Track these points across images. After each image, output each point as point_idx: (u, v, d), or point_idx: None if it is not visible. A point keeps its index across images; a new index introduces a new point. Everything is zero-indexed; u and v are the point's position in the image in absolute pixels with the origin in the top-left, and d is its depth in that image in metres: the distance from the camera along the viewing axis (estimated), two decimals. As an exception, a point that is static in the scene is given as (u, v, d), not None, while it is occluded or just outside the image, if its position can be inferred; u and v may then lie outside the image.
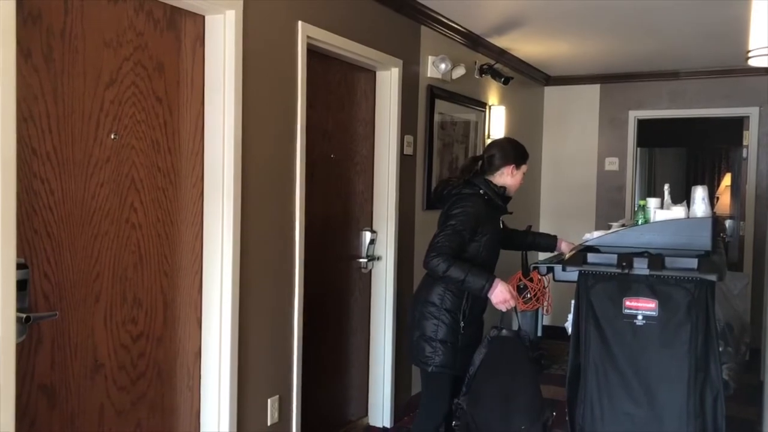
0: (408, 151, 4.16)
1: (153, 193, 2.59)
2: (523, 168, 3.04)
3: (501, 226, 3.05)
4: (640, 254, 2.84)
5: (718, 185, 7.70)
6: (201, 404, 2.82)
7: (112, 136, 2.39)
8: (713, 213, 3.17)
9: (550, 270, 3.06)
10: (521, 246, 3.25)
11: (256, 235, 2.92)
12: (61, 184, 2.20)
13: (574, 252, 3.11)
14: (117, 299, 2.45)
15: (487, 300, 2.89)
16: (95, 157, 2.33)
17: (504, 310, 2.86)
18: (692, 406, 2.65)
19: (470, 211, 2.83)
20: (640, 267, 2.77)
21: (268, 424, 3.07)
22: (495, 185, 2.95)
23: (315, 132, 3.41)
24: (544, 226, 6.57)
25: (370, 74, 3.97)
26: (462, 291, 2.82)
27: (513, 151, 3.04)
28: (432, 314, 2.84)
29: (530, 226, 3.61)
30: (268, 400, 3.07)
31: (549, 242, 3.37)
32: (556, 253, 3.34)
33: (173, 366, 2.72)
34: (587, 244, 3.11)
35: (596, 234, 3.23)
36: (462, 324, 2.84)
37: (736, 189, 6.45)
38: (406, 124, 4.12)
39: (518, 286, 2.93)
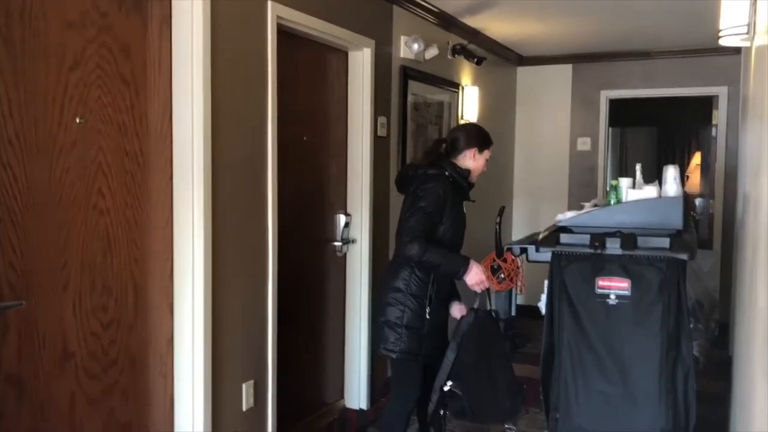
0: (382, 132, 4.13)
1: (121, 178, 2.54)
2: (486, 153, 3.03)
3: (464, 211, 3.03)
4: (612, 234, 2.85)
5: (688, 164, 7.79)
6: (174, 391, 2.79)
7: (78, 120, 2.33)
8: (684, 192, 3.19)
9: (524, 251, 3.07)
10: None
11: (227, 220, 2.88)
12: (24, 170, 2.14)
13: (547, 232, 3.13)
14: (86, 287, 2.40)
15: (451, 284, 2.89)
16: (60, 141, 2.27)
17: (479, 291, 2.88)
18: (664, 383, 2.69)
19: (437, 192, 2.82)
20: (613, 247, 2.79)
21: (244, 409, 3.05)
22: (460, 167, 2.94)
23: (287, 114, 3.36)
24: (518, 207, 6.60)
25: (342, 55, 3.92)
26: (428, 275, 2.80)
27: (477, 134, 3.04)
28: (398, 300, 2.83)
29: (503, 207, 3.61)
30: (243, 385, 3.05)
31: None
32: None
33: (145, 353, 2.69)
34: (560, 224, 3.12)
35: (569, 214, 3.24)
36: (428, 309, 2.82)
37: (706, 167, 6.53)
38: (380, 106, 4.09)
39: (492, 267, 2.93)
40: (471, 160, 2.98)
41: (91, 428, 2.45)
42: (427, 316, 2.83)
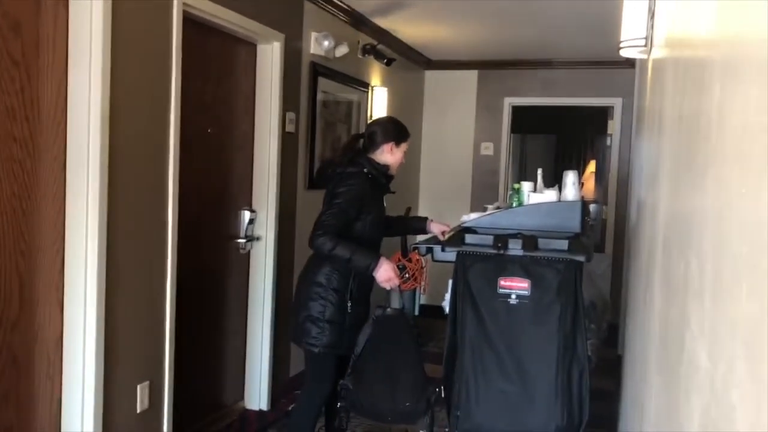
0: (290, 128, 4.06)
1: (8, 165, 2.36)
2: (403, 146, 3.05)
3: (384, 205, 3.05)
4: (514, 236, 2.93)
5: (584, 171, 8.15)
6: (63, 393, 2.63)
7: (-41, 101, 2.15)
8: (582, 197, 3.32)
9: (429, 250, 3.10)
10: (396, 232, 3.27)
11: (125, 212, 2.74)
12: None
13: (452, 233, 3.18)
14: (-36, 281, 2.22)
15: (373, 279, 2.89)
16: (-62, 122, 2.08)
17: (388, 288, 2.88)
18: (560, 382, 2.78)
19: (355, 190, 2.82)
20: (515, 248, 2.86)
21: (138, 411, 2.92)
22: (378, 163, 2.95)
23: (191, 105, 3.24)
24: (423, 208, 6.69)
25: (251, 47, 3.83)
26: (349, 270, 2.80)
27: (393, 128, 3.05)
28: (319, 294, 2.81)
29: (409, 208, 3.64)
30: (138, 387, 2.91)
31: (420, 224, 3.41)
32: (429, 234, 3.38)
33: (31, 353, 2.51)
34: (465, 225, 3.18)
35: (473, 216, 3.31)
36: (349, 303, 2.82)
37: (600, 175, 6.85)
38: (288, 101, 4.03)
39: (398, 266, 2.95)
40: (389, 155, 2.99)
41: (-33, 434, 2.27)
42: (349, 311, 2.83)
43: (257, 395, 3.97)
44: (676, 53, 1.44)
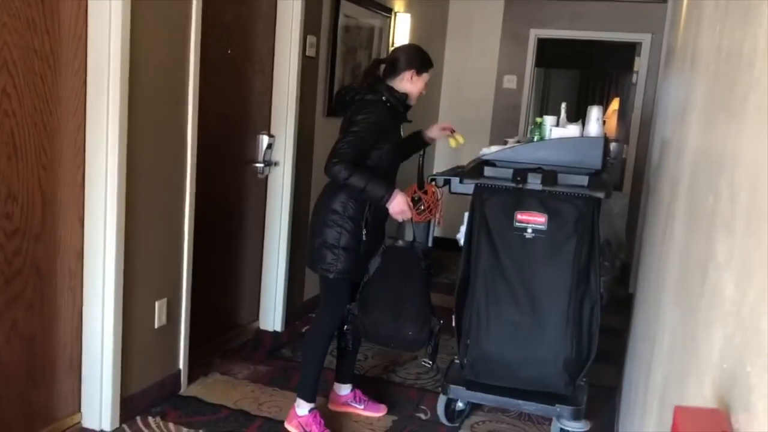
0: (310, 52, 4.00)
1: (29, 78, 2.35)
2: (425, 76, 2.97)
3: (401, 134, 3.01)
4: (534, 170, 2.91)
5: (607, 108, 8.01)
6: (84, 305, 2.70)
7: (-20, 9, 2.13)
8: (604, 133, 3.28)
9: (447, 182, 3.10)
10: (405, 155, 3.16)
11: (144, 130, 2.74)
12: None
13: (471, 165, 3.16)
14: (-12, 192, 2.25)
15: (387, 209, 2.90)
16: (-41, 31, 2.07)
17: (401, 220, 2.88)
18: (571, 314, 2.82)
19: (373, 118, 2.78)
20: (534, 182, 2.85)
21: (156, 326, 2.99)
22: (397, 92, 2.89)
23: (212, 24, 3.19)
24: (441, 142, 6.63)
25: (273, -33, 3.73)
26: (364, 199, 2.80)
27: (417, 56, 2.97)
28: (335, 222, 2.81)
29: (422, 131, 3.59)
30: (156, 303, 2.98)
31: (417, 140, 3.22)
32: (430, 141, 3.25)
33: (53, 265, 2.57)
34: (484, 158, 3.16)
35: (493, 149, 3.28)
36: (365, 231, 2.83)
37: (623, 114, 6.73)
38: (310, 24, 3.95)
39: (413, 198, 2.95)
40: (409, 83, 2.91)
41: (-8, 340, 2.34)
42: (364, 239, 2.83)
43: (272, 316, 4.06)
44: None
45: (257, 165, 3.80)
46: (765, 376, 0.50)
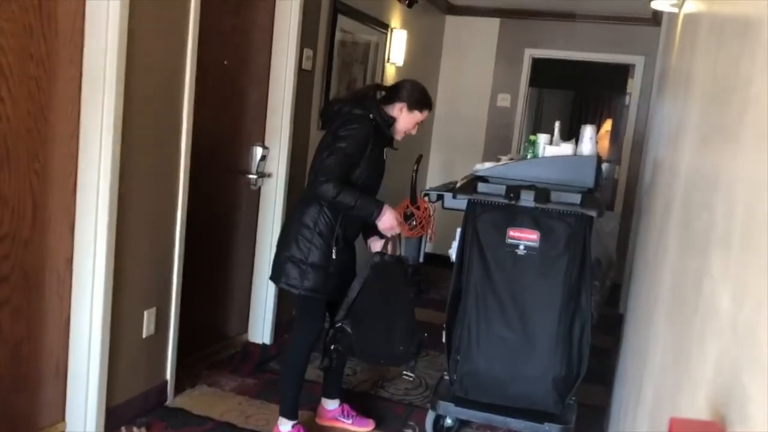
0: (307, 65, 4.01)
1: (24, 83, 2.35)
2: (417, 115, 2.90)
3: (384, 159, 2.96)
4: (527, 187, 2.92)
5: (599, 130, 8.07)
6: (72, 312, 2.67)
7: (-23, 13, 2.12)
8: (597, 153, 3.29)
9: (440, 197, 3.10)
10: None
11: (139, 139, 2.74)
12: None
13: (464, 181, 3.16)
14: (-22, 196, 2.23)
15: (360, 227, 2.88)
16: (-45, 33, 2.06)
17: (389, 236, 2.87)
18: (561, 333, 2.82)
19: (360, 134, 2.73)
20: (527, 199, 2.86)
21: (144, 336, 2.97)
22: (386, 113, 2.86)
23: (209, 33, 3.19)
24: (434, 158, 6.66)
25: (272, -21, 3.75)
26: (337, 216, 2.76)
27: (417, 93, 2.90)
28: (304, 236, 2.76)
29: (421, 156, 3.60)
30: (145, 312, 2.96)
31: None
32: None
33: (41, 271, 2.55)
34: (478, 174, 3.17)
35: (487, 165, 3.30)
36: (334, 249, 2.78)
37: (616, 134, 6.78)
38: (307, 37, 3.96)
39: (405, 214, 2.93)
40: (398, 113, 2.86)
41: (-22, 345, 2.31)
42: (333, 256, 2.78)
43: (261, 329, 4.03)
44: (713, 8, 1.41)
45: (250, 176, 3.79)
46: (763, 387, 0.50)
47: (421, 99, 2.91)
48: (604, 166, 5.95)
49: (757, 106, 0.71)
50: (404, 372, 3.42)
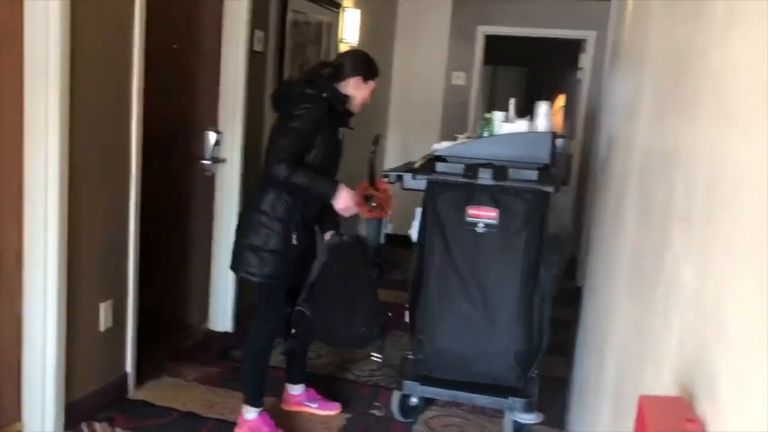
0: (258, 47, 3.94)
1: (-39, 72, 2.24)
2: (371, 84, 2.90)
3: (341, 138, 2.92)
4: (485, 165, 2.93)
5: (553, 105, 8.15)
6: (24, 309, 2.59)
7: None
8: (552, 129, 3.32)
9: (399, 178, 3.09)
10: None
11: (87, 128, 2.65)
12: None
13: (423, 161, 3.16)
14: None
15: (321, 210, 2.85)
16: None
17: (347, 216, 2.84)
18: (522, 308, 2.85)
19: (313, 113, 2.68)
20: (485, 177, 2.87)
21: (101, 329, 2.90)
22: (339, 92, 2.82)
23: (156, 19, 3.10)
24: (392, 138, 6.64)
25: (219, -40, 3.66)
26: (296, 200, 2.72)
27: (364, 63, 2.89)
28: (262, 223, 2.70)
29: (378, 136, 3.59)
30: (101, 305, 2.89)
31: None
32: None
33: (-10, 268, 2.46)
34: (436, 153, 3.16)
35: (445, 144, 3.29)
36: (294, 235, 2.73)
37: (569, 109, 6.85)
38: (257, 19, 3.88)
39: (365, 195, 2.91)
40: (354, 89, 2.83)
41: (-75, 347, 2.23)
42: (294, 242, 2.73)
43: (222, 317, 3.98)
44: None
45: (204, 162, 3.72)
46: (730, 363, 0.51)
47: (372, 67, 2.91)
48: (559, 141, 6.02)
49: (714, 79, 0.71)
50: (372, 353, 3.42)
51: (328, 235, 2.97)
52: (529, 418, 2.90)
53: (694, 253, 0.69)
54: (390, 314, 2.97)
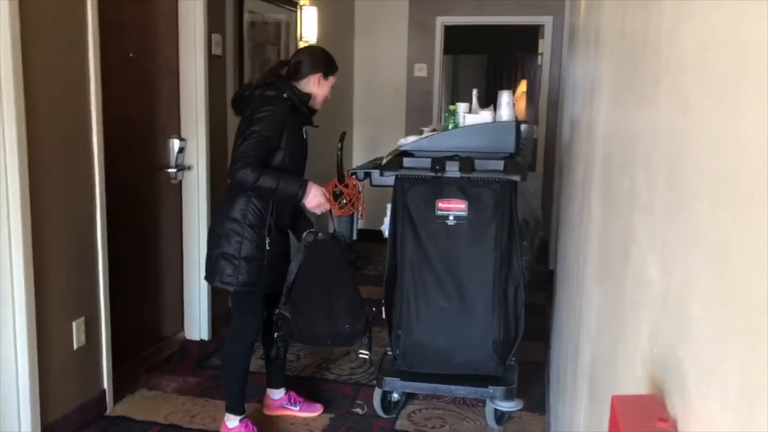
0: (217, 51, 3.89)
1: None
2: (331, 80, 2.88)
3: (305, 137, 2.90)
4: (451, 158, 2.94)
5: (514, 92, 8.20)
6: (-8, 333, 2.54)
7: None
8: (516, 117, 3.34)
9: (367, 175, 3.08)
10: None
11: (47, 145, 2.60)
12: None
13: (390, 157, 3.16)
14: None
15: (293, 213, 2.83)
16: None
17: (319, 213, 2.83)
18: (497, 297, 2.87)
19: (275, 115, 2.65)
20: (452, 170, 2.88)
21: (75, 347, 2.86)
22: (300, 91, 2.81)
23: (110, 26, 3.05)
24: (357, 134, 6.62)
25: (171, -36, 3.60)
26: (267, 204, 2.69)
27: (322, 59, 2.87)
28: (234, 231, 2.67)
29: (344, 133, 3.56)
30: (73, 323, 2.84)
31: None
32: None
33: (-46, 294, 2.40)
34: (402, 149, 3.16)
35: (410, 139, 3.29)
36: (268, 240, 2.70)
37: (531, 95, 6.90)
38: (214, 22, 3.84)
39: (334, 193, 2.90)
40: (315, 86, 2.82)
41: None
42: (267, 247, 2.70)
43: (197, 325, 3.95)
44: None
45: (170, 170, 3.67)
46: (696, 361, 0.51)
47: (331, 63, 2.90)
48: (523, 127, 6.06)
49: (673, 67, 0.71)
50: (359, 351, 3.41)
51: (304, 234, 2.95)
52: (509, 406, 2.93)
53: (658, 245, 0.69)
54: (375, 309, 2.96)
